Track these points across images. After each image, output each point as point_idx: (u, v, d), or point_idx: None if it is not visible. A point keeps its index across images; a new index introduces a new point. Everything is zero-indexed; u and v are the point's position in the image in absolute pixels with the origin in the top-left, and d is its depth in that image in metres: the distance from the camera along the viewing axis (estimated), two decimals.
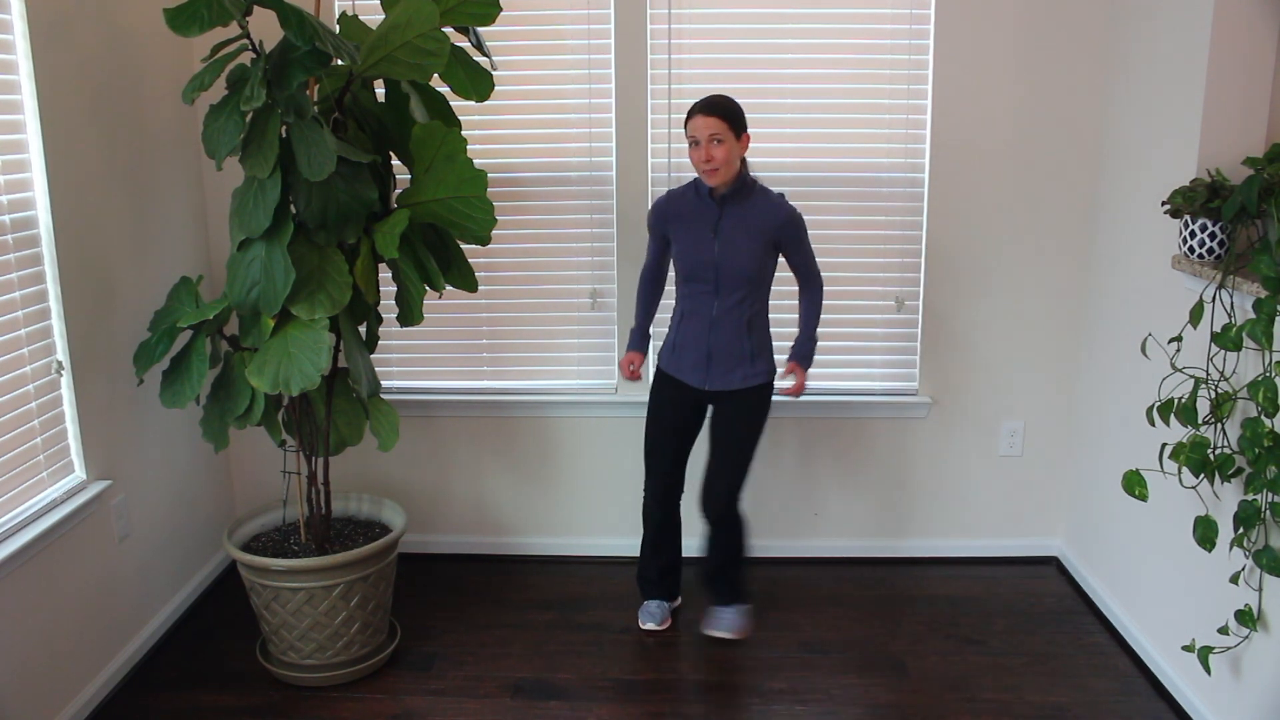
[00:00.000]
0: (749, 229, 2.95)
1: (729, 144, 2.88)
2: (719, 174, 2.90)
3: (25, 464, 2.64)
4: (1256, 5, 2.66)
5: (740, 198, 2.97)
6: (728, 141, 2.87)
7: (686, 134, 2.92)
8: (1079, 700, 2.93)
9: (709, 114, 2.87)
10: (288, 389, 2.62)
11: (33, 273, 2.66)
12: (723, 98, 2.92)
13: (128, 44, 3.03)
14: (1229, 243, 2.59)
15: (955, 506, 3.74)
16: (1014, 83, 3.40)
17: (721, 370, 3.04)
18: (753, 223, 2.96)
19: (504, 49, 3.40)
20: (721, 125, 2.86)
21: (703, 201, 2.99)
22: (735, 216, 2.96)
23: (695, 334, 3.04)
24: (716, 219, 2.97)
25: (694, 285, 3.02)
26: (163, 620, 3.25)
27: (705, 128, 2.86)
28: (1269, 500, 2.38)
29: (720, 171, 2.89)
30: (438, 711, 2.89)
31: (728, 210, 2.96)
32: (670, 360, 3.12)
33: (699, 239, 2.98)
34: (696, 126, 2.88)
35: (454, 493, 3.79)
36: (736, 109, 2.91)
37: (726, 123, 2.87)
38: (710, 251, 2.96)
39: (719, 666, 3.09)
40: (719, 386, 3.05)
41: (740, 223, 2.96)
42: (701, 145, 2.88)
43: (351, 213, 2.70)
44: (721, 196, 2.96)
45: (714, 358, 3.03)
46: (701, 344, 3.03)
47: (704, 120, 2.87)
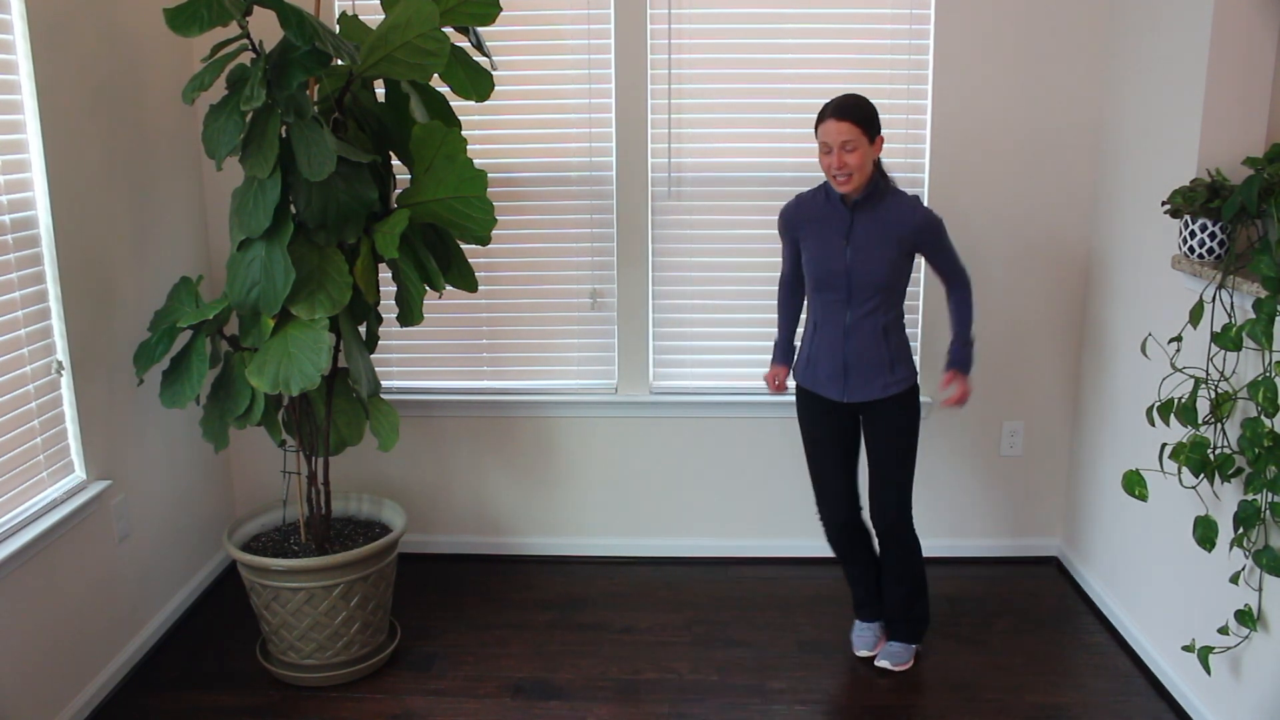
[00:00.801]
0: (884, 236, 2.79)
1: (862, 150, 2.71)
2: (852, 181, 2.73)
3: (25, 464, 2.64)
4: (1256, 5, 2.66)
5: (873, 202, 2.80)
6: (861, 147, 2.70)
7: (817, 138, 2.75)
8: (1079, 700, 2.93)
9: (841, 118, 2.69)
10: (288, 389, 2.62)
11: (33, 273, 2.66)
12: (856, 98, 2.73)
13: (128, 44, 3.03)
14: (1229, 243, 2.59)
15: (955, 506, 3.75)
16: (1014, 82, 3.40)
17: (860, 381, 2.88)
18: (888, 229, 2.79)
19: (504, 49, 3.40)
20: (855, 131, 2.69)
21: (833, 206, 2.83)
22: (868, 222, 2.79)
23: (830, 345, 2.89)
24: (848, 225, 2.80)
25: (826, 294, 2.87)
26: (163, 620, 3.25)
27: (838, 134, 2.69)
28: (1269, 500, 2.38)
29: (853, 179, 2.73)
30: (438, 711, 2.89)
31: (860, 216, 2.80)
32: (806, 374, 2.97)
33: (830, 246, 2.82)
34: (828, 132, 2.70)
35: (454, 493, 3.79)
36: (871, 111, 2.73)
37: (860, 128, 2.69)
38: (842, 260, 2.80)
39: (719, 666, 3.09)
40: (859, 398, 2.89)
41: (874, 229, 2.79)
42: (834, 152, 2.70)
43: (351, 213, 2.70)
44: (854, 202, 2.80)
45: (850, 368, 2.88)
46: (837, 355, 2.88)
47: (836, 125, 2.69)
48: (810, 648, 3.20)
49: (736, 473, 3.72)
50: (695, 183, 3.52)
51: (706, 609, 3.42)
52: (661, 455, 3.71)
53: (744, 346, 3.64)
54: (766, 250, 3.54)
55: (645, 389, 3.65)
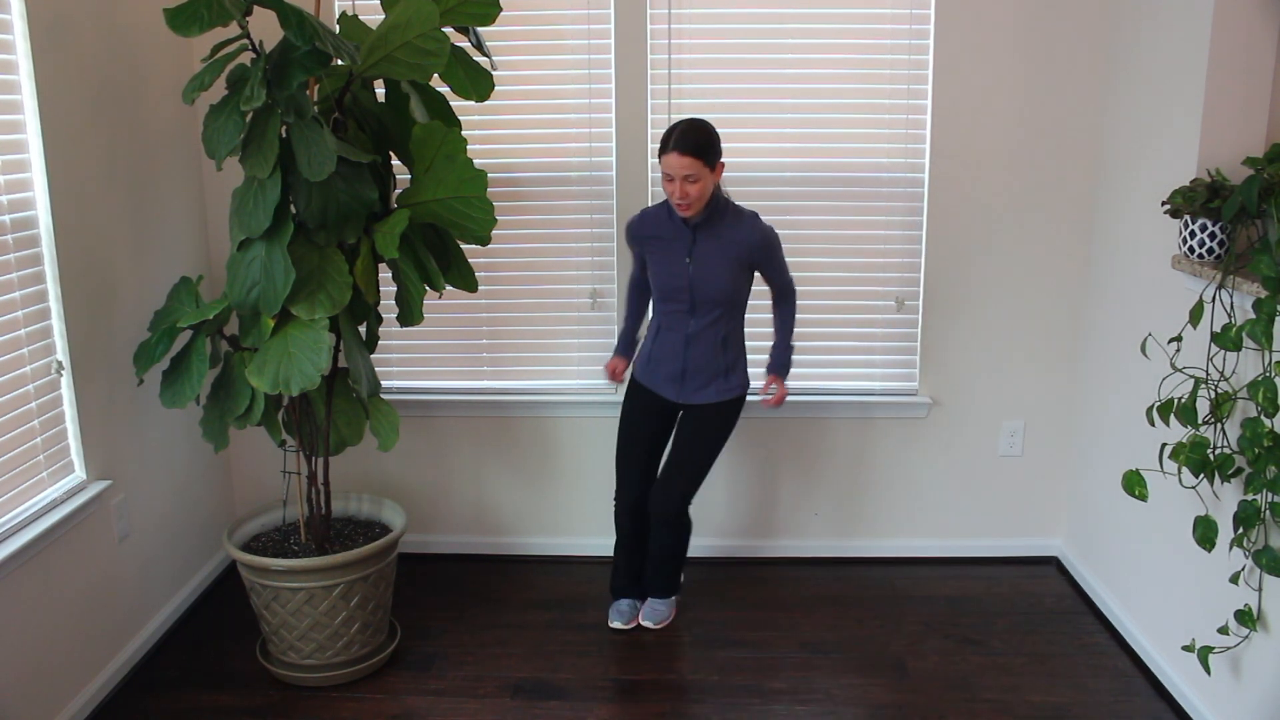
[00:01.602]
0: (723, 253, 2.96)
1: (704, 180, 2.85)
2: (693, 208, 2.90)
3: (25, 464, 2.64)
4: (1256, 5, 2.66)
5: (713, 222, 2.96)
6: (702, 178, 2.85)
7: (660, 164, 2.88)
8: (1079, 700, 2.93)
9: (683, 153, 2.82)
10: (288, 389, 2.62)
11: (33, 273, 2.66)
12: (695, 128, 2.85)
13: (128, 44, 3.03)
14: (1229, 243, 2.59)
15: (955, 506, 3.75)
16: (1014, 83, 3.40)
17: (696, 385, 3.07)
18: (726, 247, 2.96)
19: (504, 49, 3.40)
20: (695, 164, 2.82)
21: (676, 225, 2.99)
22: (708, 240, 2.96)
23: (671, 350, 3.07)
24: (690, 243, 2.97)
25: (670, 304, 3.04)
26: (163, 620, 3.25)
27: (680, 167, 2.83)
28: (1269, 500, 2.38)
29: (694, 205, 2.89)
30: (438, 711, 2.89)
31: (700, 235, 2.97)
32: (645, 372, 3.15)
33: (673, 262, 2.99)
34: (670, 164, 2.84)
35: (454, 493, 3.79)
36: (710, 141, 2.86)
37: (700, 160, 2.82)
38: (684, 275, 2.98)
39: (719, 666, 3.09)
40: (694, 401, 3.09)
41: (714, 246, 2.96)
42: (676, 182, 2.85)
43: (351, 213, 2.70)
44: (695, 222, 2.96)
45: (689, 374, 3.07)
46: (677, 360, 3.06)
47: (678, 159, 2.82)
48: (810, 648, 3.20)
49: (736, 472, 3.72)
50: None
51: (706, 609, 3.42)
52: None
53: None
54: None
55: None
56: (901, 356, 3.64)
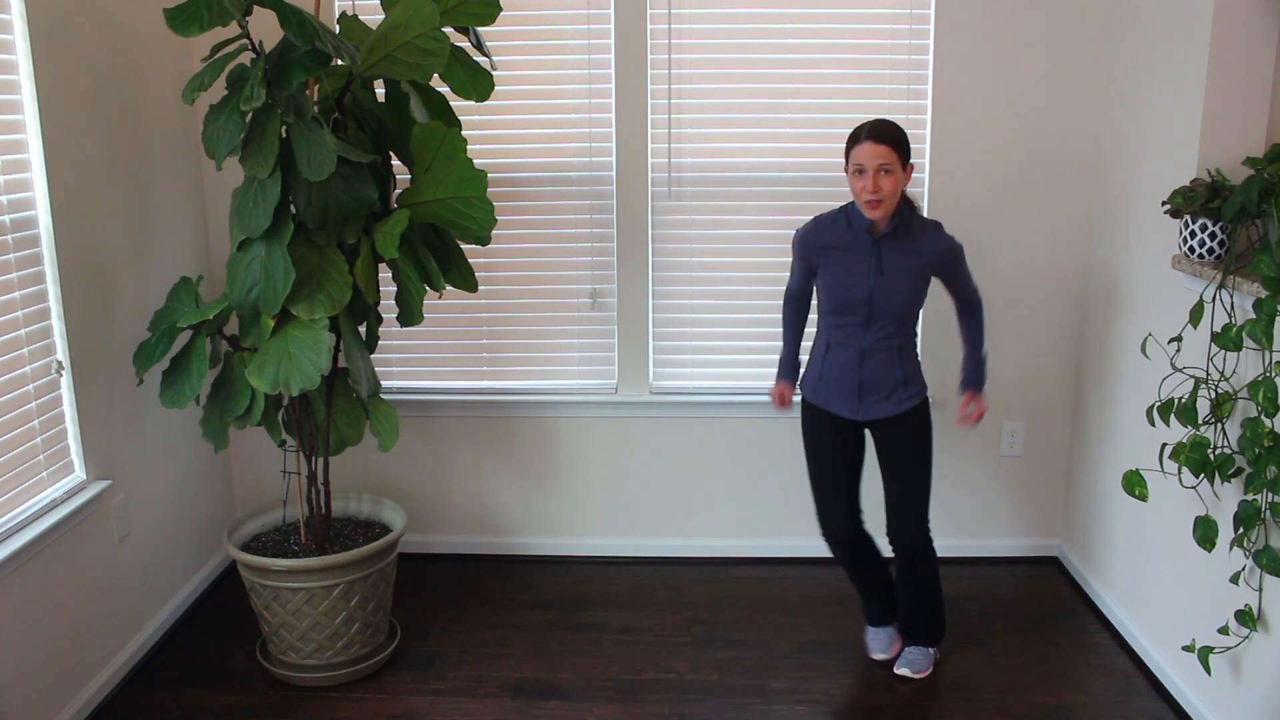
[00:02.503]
0: (909, 266, 2.76)
1: (896, 175, 2.66)
2: (883, 206, 2.68)
3: (25, 464, 2.64)
4: (1256, 5, 2.66)
5: (900, 233, 2.75)
6: (896, 172, 2.65)
7: (849, 160, 2.70)
8: (1079, 700, 2.93)
9: (879, 141, 2.63)
10: (288, 389, 2.63)
11: (33, 273, 2.66)
12: (892, 123, 2.69)
13: (128, 44, 3.03)
14: (1229, 243, 2.59)
15: (955, 506, 3.74)
16: (1014, 83, 3.40)
17: (875, 399, 2.86)
18: (913, 260, 2.76)
19: (504, 49, 3.40)
20: (892, 155, 2.64)
21: (857, 235, 2.77)
22: (894, 252, 2.75)
23: (844, 366, 2.85)
24: (875, 256, 2.75)
25: (843, 318, 2.82)
26: (163, 620, 3.25)
27: (875, 156, 2.63)
28: (1269, 500, 2.38)
29: (884, 204, 2.67)
30: (438, 711, 2.89)
31: (886, 246, 2.75)
32: (817, 391, 2.93)
33: (853, 275, 2.77)
34: (864, 154, 2.64)
35: (454, 493, 3.79)
36: (905, 135, 2.69)
37: (897, 152, 2.65)
38: (866, 289, 2.77)
39: (719, 666, 3.09)
40: (874, 415, 2.87)
41: (899, 259, 2.75)
42: (868, 174, 2.64)
43: (351, 213, 2.70)
44: (881, 234, 2.75)
45: (865, 389, 2.85)
46: (852, 376, 2.85)
47: (873, 148, 2.63)
48: (810, 648, 3.20)
49: (736, 473, 3.72)
50: (695, 183, 3.52)
51: (706, 609, 3.42)
52: (661, 455, 3.71)
53: (744, 346, 3.64)
54: (767, 250, 3.55)
55: (645, 389, 3.65)
56: None
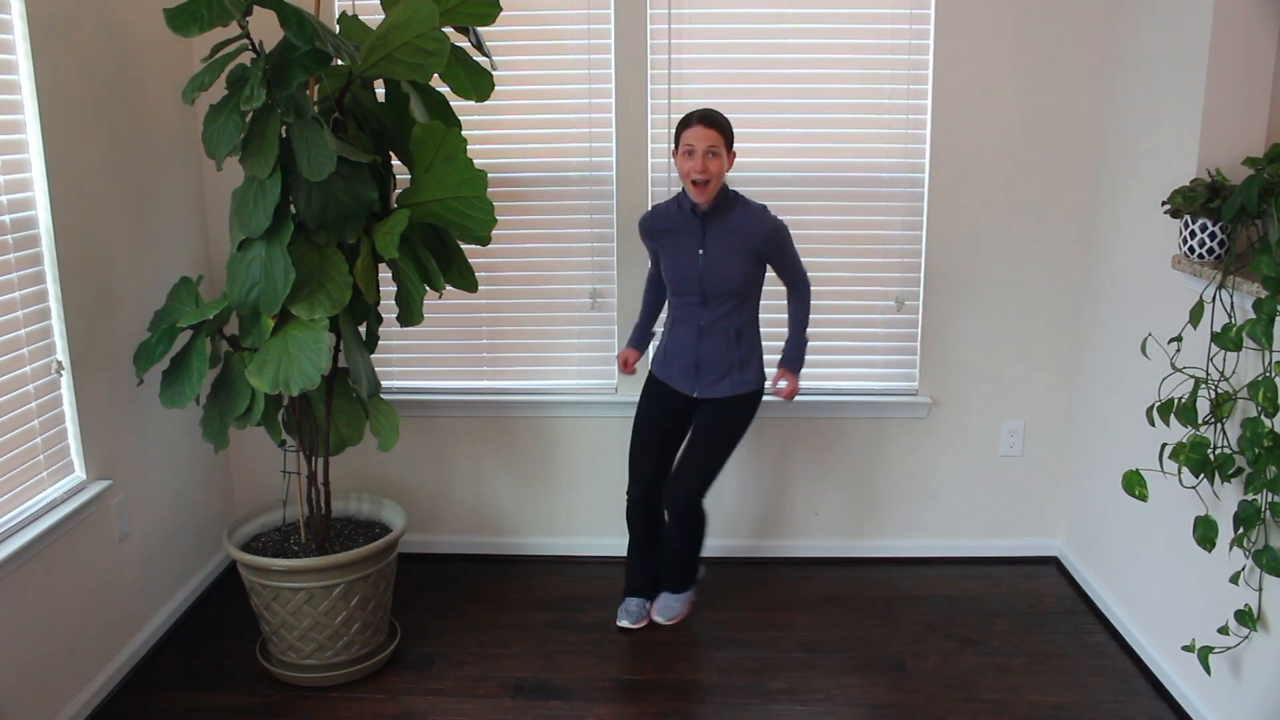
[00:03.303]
0: (732, 244, 2.97)
1: (723, 158, 2.91)
2: (709, 187, 2.92)
3: (25, 464, 2.64)
4: (1256, 5, 2.66)
5: (723, 212, 2.98)
6: (722, 155, 2.90)
7: (680, 142, 2.92)
8: (1079, 700, 2.93)
9: (709, 126, 2.88)
10: (288, 389, 2.62)
11: (33, 273, 2.66)
12: (717, 111, 2.94)
13: (128, 44, 3.02)
14: (1229, 243, 2.59)
15: (955, 506, 3.75)
16: (1014, 83, 3.40)
17: (710, 378, 3.07)
18: (736, 237, 2.98)
19: (504, 49, 3.40)
20: (719, 139, 2.88)
21: (685, 217, 3.01)
22: (718, 231, 2.98)
23: (685, 343, 3.08)
24: (700, 234, 2.99)
25: (682, 298, 3.06)
26: (163, 620, 3.25)
27: (704, 139, 2.87)
28: (1269, 500, 2.38)
29: (710, 185, 2.91)
30: (438, 711, 2.89)
31: (710, 225, 2.99)
32: (661, 366, 3.17)
33: (683, 254, 3.01)
34: (695, 136, 2.88)
35: (454, 493, 3.79)
36: (729, 123, 2.94)
37: (724, 137, 2.89)
38: (695, 267, 3.00)
39: (719, 666, 3.09)
40: (708, 394, 3.09)
41: (723, 237, 2.98)
42: (697, 155, 2.88)
43: (351, 213, 2.70)
44: (704, 212, 2.98)
45: (703, 366, 3.07)
46: (690, 353, 3.07)
47: (703, 131, 2.87)
48: (810, 648, 3.20)
49: (736, 472, 3.72)
50: None
51: (707, 609, 3.42)
52: None
53: None
54: None
55: None
56: (902, 356, 3.64)
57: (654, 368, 3.20)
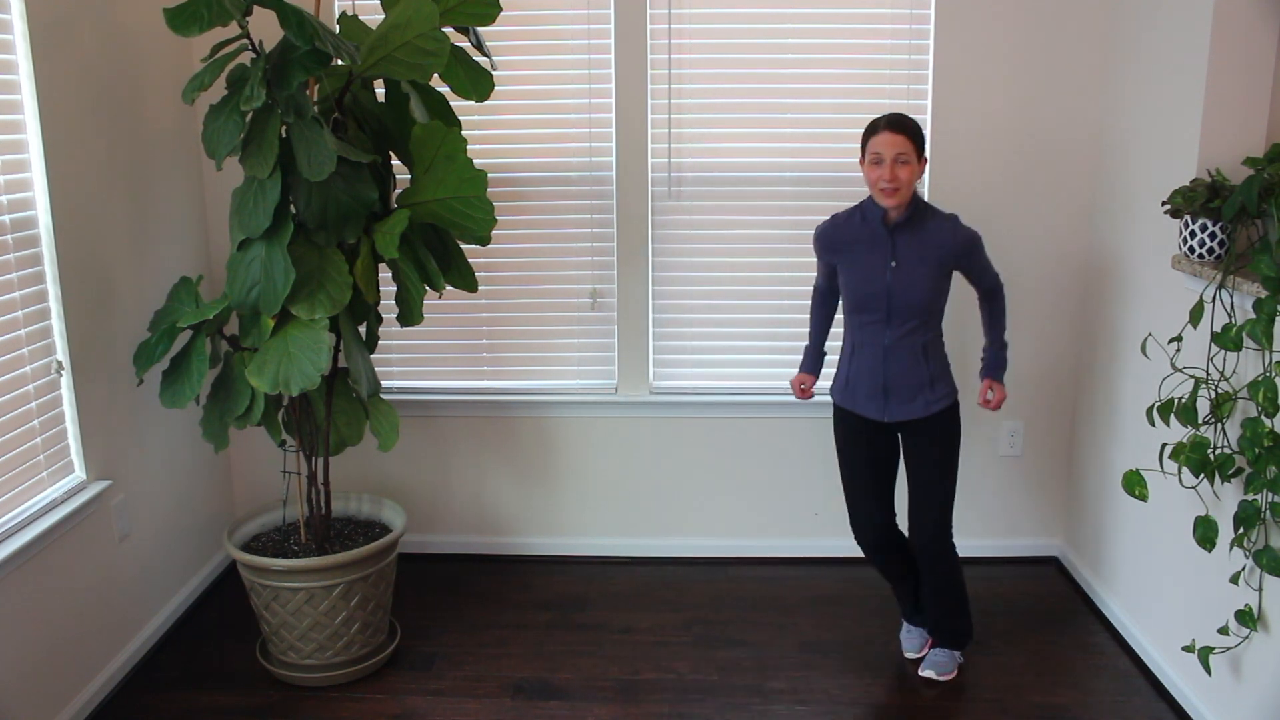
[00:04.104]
0: (925, 257, 2.77)
1: (913, 165, 2.70)
2: (899, 194, 2.71)
3: (25, 464, 2.64)
4: (1256, 5, 2.66)
5: (915, 223, 2.77)
6: (912, 162, 2.70)
7: (866, 150, 2.73)
8: (1079, 700, 2.93)
9: (897, 131, 2.68)
10: (288, 389, 2.62)
11: (33, 273, 2.66)
12: (907, 116, 2.74)
13: (128, 44, 3.03)
14: (1229, 243, 2.59)
15: (955, 506, 3.73)
16: (1014, 83, 3.40)
17: (900, 400, 2.86)
18: (929, 250, 2.77)
19: (504, 49, 3.40)
20: (909, 145, 2.68)
21: (872, 228, 2.80)
22: (910, 244, 2.77)
23: (869, 367, 2.86)
24: (890, 247, 2.78)
25: (864, 315, 2.84)
26: (163, 620, 3.25)
27: (892, 146, 2.67)
28: (1269, 500, 2.38)
29: (900, 193, 2.71)
30: (438, 711, 2.89)
31: (901, 237, 2.77)
32: (844, 395, 2.95)
33: (871, 269, 2.79)
34: (882, 144, 2.69)
35: (454, 493, 3.79)
36: (920, 127, 2.74)
37: (914, 143, 2.69)
38: (883, 282, 2.78)
39: (719, 666, 3.09)
40: (900, 417, 2.87)
41: (915, 250, 2.77)
42: (885, 164, 2.68)
43: (351, 213, 2.70)
44: (895, 223, 2.77)
45: (891, 389, 2.85)
46: (877, 376, 2.85)
47: (891, 138, 2.68)
48: (810, 648, 3.20)
49: (736, 473, 3.72)
50: (695, 183, 3.52)
51: (706, 609, 3.42)
52: (661, 455, 3.71)
53: (744, 346, 3.64)
54: (767, 250, 3.55)
55: (645, 389, 3.65)
56: None
57: (836, 398, 2.97)
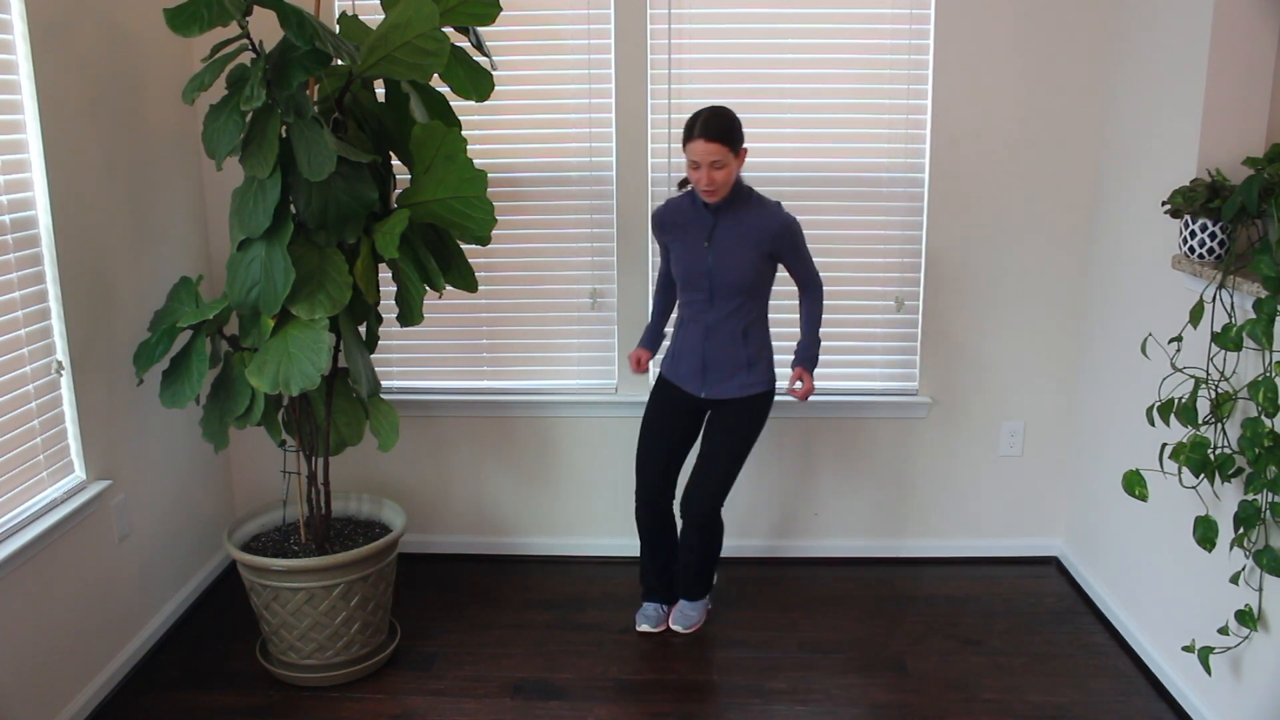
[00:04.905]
0: (743, 239, 2.94)
1: (729, 165, 2.85)
2: (717, 195, 2.90)
3: (25, 464, 2.64)
4: (1256, 5, 2.66)
5: (735, 207, 2.95)
6: (728, 164, 2.85)
7: (684, 152, 2.88)
8: (1079, 700, 2.93)
9: (709, 139, 2.81)
10: (288, 389, 2.62)
11: (33, 273, 2.66)
12: (719, 116, 2.85)
13: (128, 44, 3.02)
14: (1229, 243, 2.59)
15: (955, 506, 3.75)
16: (1014, 83, 3.40)
17: (718, 378, 3.04)
18: (747, 233, 2.94)
19: (504, 49, 3.40)
20: (721, 150, 2.82)
21: (698, 211, 2.98)
22: (730, 226, 2.95)
23: (692, 342, 3.05)
24: (711, 228, 2.96)
25: (690, 294, 3.02)
26: (163, 620, 3.25)
27: (706, 153, 2.82)
28: (1269, 500, 2.38)
29: (718, 192, 2.90)
30: (438, 711, 2.89)
31: (722, 220, 2.95)
32: (670, 367, 3.13)
33: (693, 248, 2.98)
34: (696, 151, 2.83)
35: (454, 493, 3.79)
36: (734, 127, 2.86)
37: (726, 145, 2.82)
38: (704, 261, 2.96)
39: (719, 666, 3.09)
40: (716, 395, 3.06)
41: (735, 232, 2.94)
42: (702, 169, 2.85)
43: (351, 213, 2.70)
44: (715, 207, 2.95)
45: (710, 366, 3.03)
46: (697, 352, 3.04)
47: (704, 146, 2.82)
48: (810, 648, 3.20)
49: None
50: None
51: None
52: None
53: None
54: None
55: (645, 389, 3.64)
56: (901, 356, 3.64)
57: (663, 369, 3.17)
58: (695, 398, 3.09)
